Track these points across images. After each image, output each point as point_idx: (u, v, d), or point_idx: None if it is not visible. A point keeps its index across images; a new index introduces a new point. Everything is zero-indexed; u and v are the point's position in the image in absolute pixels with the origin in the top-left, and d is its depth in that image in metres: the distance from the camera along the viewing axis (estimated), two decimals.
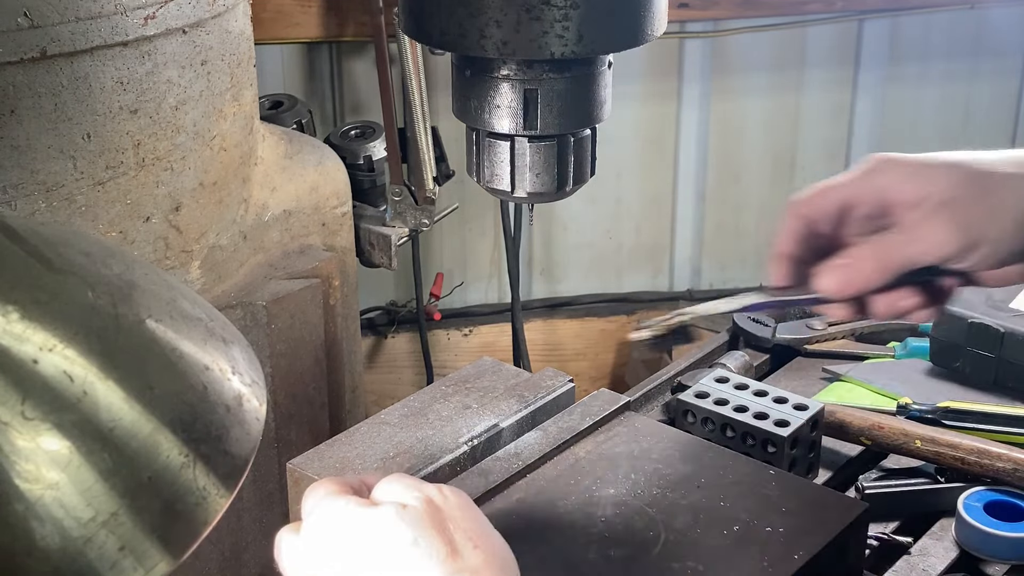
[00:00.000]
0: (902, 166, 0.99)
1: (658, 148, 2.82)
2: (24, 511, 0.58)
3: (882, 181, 0.99)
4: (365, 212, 2.12)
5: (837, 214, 1.01)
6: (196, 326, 0.72)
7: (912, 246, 0.97)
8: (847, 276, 0.99)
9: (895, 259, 0.97)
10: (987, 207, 0.95)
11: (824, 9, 2.70)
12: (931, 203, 0.96)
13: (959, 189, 0.96)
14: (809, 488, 1.12)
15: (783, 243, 1.03)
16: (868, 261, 0.98)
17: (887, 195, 0.98)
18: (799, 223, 1.02)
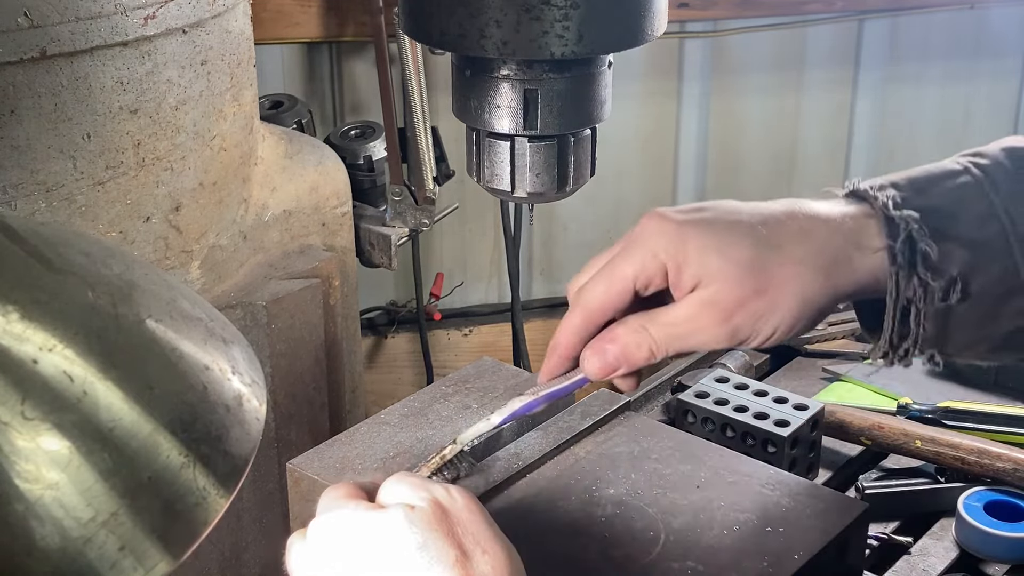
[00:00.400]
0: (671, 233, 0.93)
1: (658, 148, 2.82)
2: (24, 511, 0.58)
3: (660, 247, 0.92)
4: (365, 212, 2.12)
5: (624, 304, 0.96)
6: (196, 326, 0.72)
7: (679, 332, 0.93)
8: (613, 359, 0.95)
9: (661, 342, 0.93)
10: (761, 306, 0.91)
11: (824, 9, 2.70)
12: (700, 296, 0.91)
13: (730, 287, 0.90)
14: (809, 488, 1.12)
15: (568, 338, 0.98)
16: (634, 343, 0.94)
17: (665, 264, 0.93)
18: (588, 317, 0.97)
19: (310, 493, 1.11)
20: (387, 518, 0.85)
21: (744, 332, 0.92)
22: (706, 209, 0.95)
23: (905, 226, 0.91)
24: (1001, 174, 0.95)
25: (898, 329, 0.93)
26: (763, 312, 0.91)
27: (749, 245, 0.91)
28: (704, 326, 0.92)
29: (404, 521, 0.84)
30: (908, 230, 0.91)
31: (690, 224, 0.92)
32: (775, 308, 0.91)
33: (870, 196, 0.94)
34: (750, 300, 0.90)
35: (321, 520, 0.88)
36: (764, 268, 0.91)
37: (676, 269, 0.92)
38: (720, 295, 0.90)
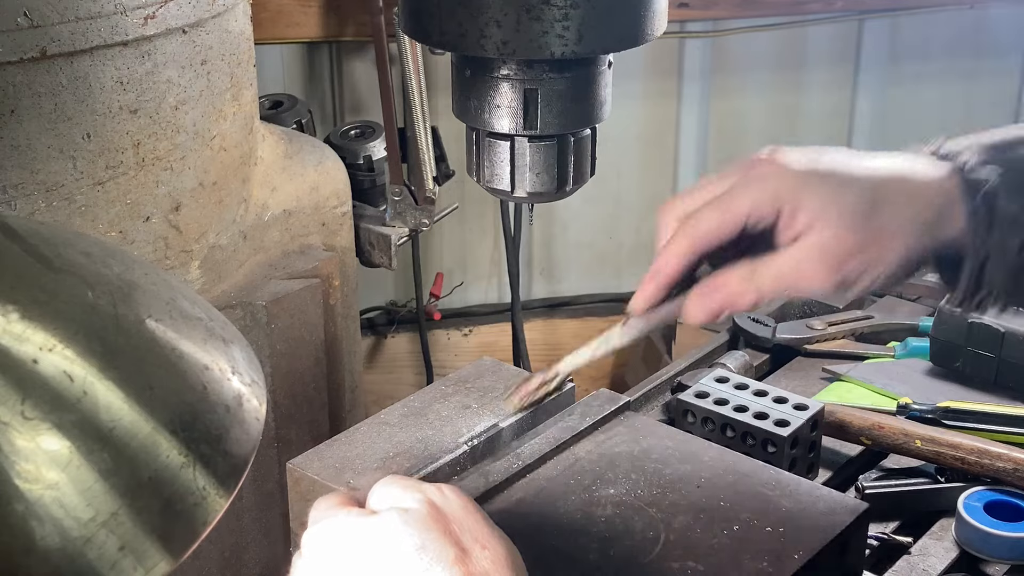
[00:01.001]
0: (791, 178, 0.96)
1: (658, 148, 2.82)
2: (24, 511, 0.58)
3: (780, 188, 0.95)
4: (365, 212, 2.12)
5: (733, 237, 0.97)
6: (196, 326, 0.72)
7: (787, 281, 0.95)
8: (718, 306, 0.97)
9: (767, 291, 0.96)
10: (870, 257, 0.94)
11: (824, 9, 2.70)
12: (813, 242, 0.94)
13: (844, 235, 0.94)
14: (809, 488, 1.12)
15: (673, 265, 0.98)
16: (740, 292, 0.96)
17: (781, 207, 0.95)
18: (696, 245, 0.97)
19: (310, 493, 1.11)
20: (382, 522, 0.84)
21: (850, 280, 0.95)
22: (824, 160, 0.98)
23: (983, 184, 0.96)
24: None
25: (975, 282, 0.98)
26: (870, 263, 0.95)
27: (862, 199, 0.95)
28: (813, 273, 0.95)
29: (400, 524, 0.83)
30: (985, 188, 0.96)
31: (809, 173, 0.96)
32: (880, 260, 0.95)
33: (951, 156, 0.99)
34: (860, 250, 0.94)
35: (314, 531, 0.87)
36: (874, 222, 0.95)
37: (791, 212, 0.95)
38: (833, 243, 0.94)
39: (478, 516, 0.87)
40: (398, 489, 0.88)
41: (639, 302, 1.00)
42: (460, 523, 0.85)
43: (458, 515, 0.86)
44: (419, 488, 0.88)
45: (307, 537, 0.87)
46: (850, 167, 0.98)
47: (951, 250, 0.98)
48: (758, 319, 1.62)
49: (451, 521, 0.85)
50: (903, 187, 0.97)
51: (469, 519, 0.86)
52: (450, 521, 0.85)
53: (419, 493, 0.87)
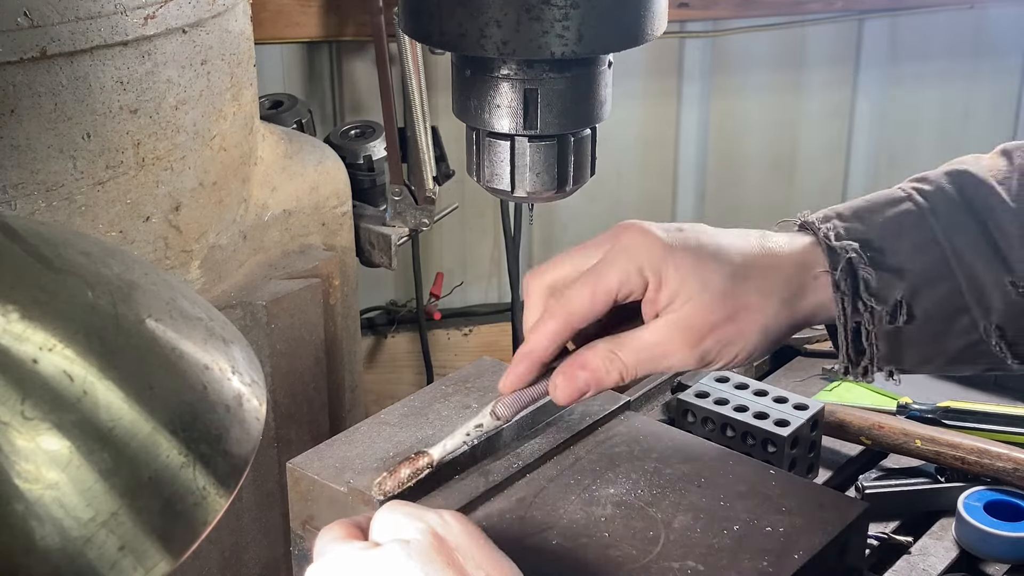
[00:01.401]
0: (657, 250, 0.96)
1: (658, 148, 2.82)
2: (24, 511, 0.58)
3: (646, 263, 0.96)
4: (365, 212, 2.12)
5: (604, 314, 0.98)
6: (196, 326, 0.72)
7: (649, 357, 0.96)
8: (584, 385, 0.98)
9: (631, 367, 0.97)
10: (729, 333, 0.95)
11: (824, 9, 2.70)
12: (674, 317, 0.95)
13: (703, 311, 0.95)
14: (809, 488, 1.12)
15: (545, 346, 0.98)
16: (604, 370, 0.97)
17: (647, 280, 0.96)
18: (567, 324, 0.98)
19: (310, 493, 1.11)
20: (384, 556, 0.83)
21: (711, 355, 0.97)
22: (686, 231, 0.99)
23: (844, 255, 0.97)
24: (942, 200, 1.00)
25: (853, 349, 0.99)
26: (730, 338, 0.96)
27: (724, 274, 0.96)
28: (675, 349, 0.96)
29: (402, 556, 0.82)
30: (848, 259, 0.97)
31: (674, 245, 0.96)
32: (740, 335, 0.96)
33: (814, 228, 0.99)
34: (720, 326, 0.95)
35: (318, 566, 0.86)
36: (735, 296, 0.96)
37: (656, 285, 0.96)
38: (694, 319, 0.95)
39: (481, 542, 0.86)
40: (400, 518, 0.86)
41: (511, 382, 1.01)
42: (464, 551, 0.84)
43: (461, 543, 0.84)
44: (421, 517, 0.86)
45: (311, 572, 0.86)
46: (715, 241, 0.98)
47: (815, 321, 1.00)
48: None
49: (454, 549, 0.83)
50: (764, 262, 0.98)
51: (473, 546, 0.85)
52: (453, 550, 0.83)
53: (421, 523, 0.85)
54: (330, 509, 1.09)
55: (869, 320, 0.98)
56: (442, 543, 0.84)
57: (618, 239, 0.98)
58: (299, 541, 1.13)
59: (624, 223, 0.99)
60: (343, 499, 1.07)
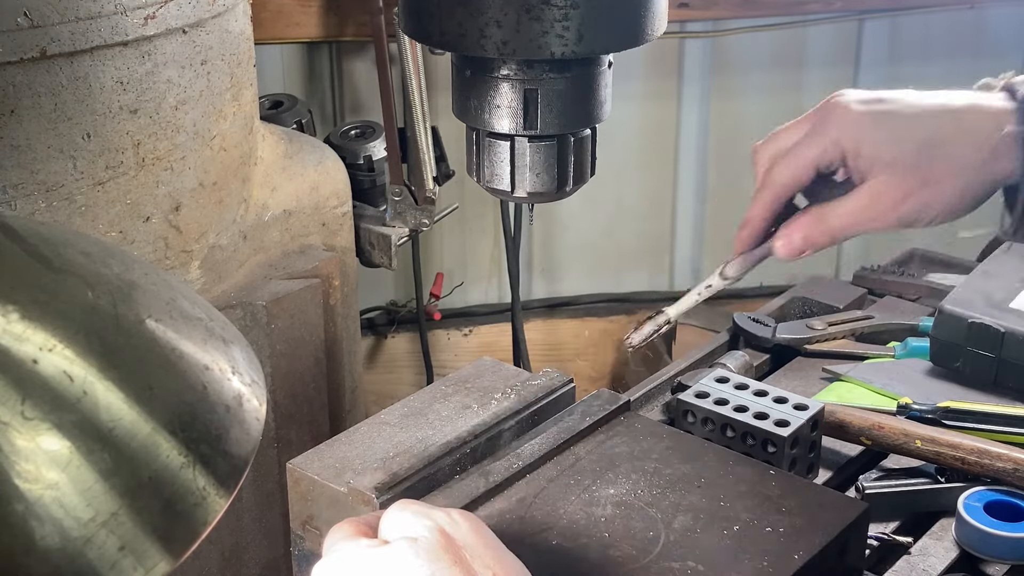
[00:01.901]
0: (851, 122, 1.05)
1: (658, 148, 2.82)
2: (24, 511, 0.58)
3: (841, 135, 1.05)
4: (365, 212, 2.12)
5: (808, 182, 1.09)
6: (196, 326, 0.72)
7: (851, 221, 1.06)
8: (802, 243, 1.09)
9: (837, 231, 1.07)
10: (926, 197, 1.03)
11: (824, 9, 2.70)
12: (871, 185, 1.04)
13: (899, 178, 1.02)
14: (809, 488, 1.12)
15: (759, 213, 1.11)
16: (816, 234, 1.08)
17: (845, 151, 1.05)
18: (776, 194, 1.10)
19: (310, 493, 1.11)
20: (392, 553, 0.83)
21: (911, 217, 1.05)
22: (886, 100, 1.08)
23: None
24: None
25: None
26: (929, 201, 1.04)
27: (920, 139, 1.04)
28: (875, 214, 1.05)
29: (410, 554, 0.82)
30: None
31: (869, 115, 1.06)
32: (939, 197, 1.04)
33: (1015, 88, 1.08)
34: (917, 190, 1.03)
35: (326, 563, 0.86)
36: (932, 161, 1.03)
37: (854, 155, 1.05)
38: (890, 185, 1.04)
39: (489, 540, 0.86)
40: (409, 517, 0.86)
41: (737, 246, 1.15)
42: (471, 549, 0.84)
43: (469, 541, 0.85)
44: (429, 515, 0.86)
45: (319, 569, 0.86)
46: (910, 107, 1.06)
47: (1009, 182, 1.04)
48: (758, 319, 1.62)
49: (462, 548, 0.84)
50: (959, 126, 1.04)
51: (480, 545, 0.85)
52: (460, 548, 0.84)
53: (429, 521, 0.85)
54: (330, 509, 1.09)
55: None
56: (450, 541, 0.84)
57: (820, 114, 1.09)
58: (299, 541, 1.13)
59: (831, 96, 1.10)
60: (343, 499, 1.08)
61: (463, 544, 0.84)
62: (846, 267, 2.87)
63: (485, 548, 0.85)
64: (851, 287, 1.76)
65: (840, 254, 2.94)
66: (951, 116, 1.05)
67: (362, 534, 0.88)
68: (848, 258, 2.91)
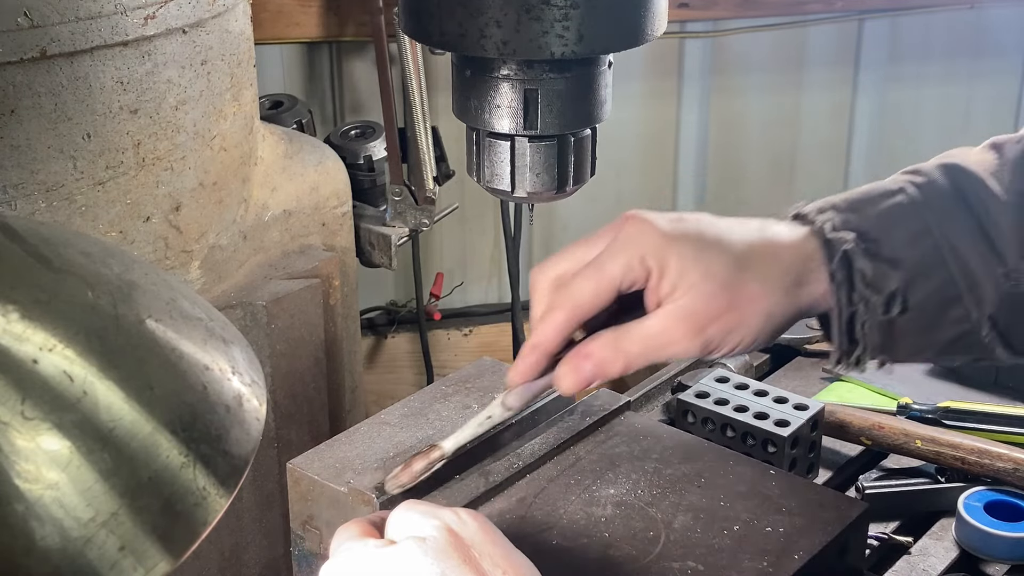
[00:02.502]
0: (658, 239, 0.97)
1: (658, 148, 2.82)
2: (24, 511, 0.58)
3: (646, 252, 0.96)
4: (365, 212, 2.12)
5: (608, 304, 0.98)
6: (196, 326, 0.72)
7: (652, 346, 0.96)
8: (589, 375, 0.98)
9: (634, 357, 0.96)
10: (732, 321, 0.96)
11: (824, 9, 2.70)
12: (676, 306, 0.95)
13: (705, 300, 0.95)
14: (809, 488, 1.12)
15: (551, 338, 0.99)
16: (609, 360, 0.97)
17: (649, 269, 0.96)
18: (573, 315, 0.98)
19: (310, 493, 1.11)
20: (400, 553, 0.83)
21: (714, 343, 0.96)
22: (687, 221, 0.99)
23: (840, 246, 0.98)
24: (935, 192, 1.01)
25: (847, 339, 1.00)
26: (733, 326, 0.96)
27: (725, 262, 0.96)
28: (677, 338, 0.96)
29: (418, 554, 0.82)
30: (844, 250, 0.98)
31: (675, 233, 0.97)
32: (743, 323, 0.96)
33: (810, 220, 1.00)
34: (723, 314, 0.95)
35: (333, 564, 0.86)
36: (737, 285, 0.96)
37: (658, 275, 0.96)
38: (696, 307, 0.95)
39: (497, 539, 0.86)
40: (417, 517, 0.86)
41: (519, 375, 1.02)
42: (479, 548, 0.84)
43: (477, 540, 0.84)
44: (437, 515, 0.86)
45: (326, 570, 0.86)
46: (716, 230, 0.99)
47: (816, 311, 1.00)
48: None
49: (470, 547, 0.83)
50: (765, 250, 0.98)
51: (488, 543, 0.84)
52: (469, 547, 0.83)
53: (437, 520, 0.85)
54: (330, 509, 1.09)
55: (864, 311, 0.98)
56: (458, 540, 0.84)
57: (620, 230, 0.99)
58: (299, 541, 1.13)
59: (627, 214, 1.00)
60: (343, 499, 1.07)
61: (471, 543, 0.84)
62: None
63: (494, 547, 0.85)
64: None
65: None
66: (757, 241, 0.99)
67: (369, 534, 0.88)
68: None
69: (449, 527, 0.84)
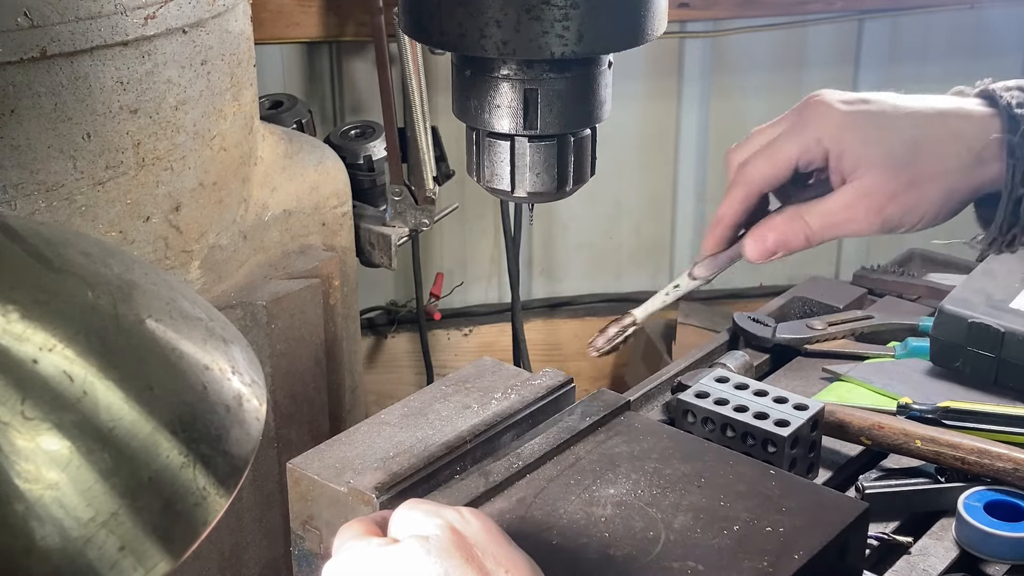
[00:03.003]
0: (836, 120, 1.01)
1: (658, 148, 2.82)
2: (24, 511, 0.58)
3: (824, 134, 1.01)
4: (365, 212, 2.12)
5: (785, 180, 1.04)
6: (196, 326, 0.72)
7: (832, 221, 1.01)
8: (774, 243, 1.03)
9: (815, 230, 1.02)
10: (911, 200, 0.99)
11: (824, 9, 2.70)
12: (856, 185, 0.99)
13: (885, 179, 0.98)
14: (809, 488, 1.12)
15: (731, 211, 1.06)
16: (791, 231, 1.02)
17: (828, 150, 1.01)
18: (750, 191, 1.05)
19: (310, 493, 1.11)
20: (403, 551, 0.83)
21: (894, 221, 1.01)
22: (870, 101, 1.03)
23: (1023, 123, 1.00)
24: None
25: (1008, 218, 1.02)
26: (913, 204, 1.00)
27: (905, 140, 1.00)
28: (858, 215, 1.00)
29: (421, 552, 0.82)
30: None
31: (854, 114, 1.01)
32: (923, 200, 1.00)
33: (997, 96, 1.04)
34: (902, 193, 0.99)
35: (336, 562, 0.86)
36: (916, 163, 0.99)
37: (838, 155, 1.00)
38: (875, 186, 0.99)
39: (500, 539, 0.86)
40: (420, 515, 0.86)
41: (706, 246, 1.09)
42: (482, 547, 0.84)
43: (480, 539, 0.85)
44: (440, 514, 0.86)
45: (329, 568, 0.86)
46: (895, 108, 1.02)
47: (992, 189, 1.01)
48: (758, 319, 1.62)
49: (473, 546, 0.84)
50: (945, 129, 1.01)
51: (491, 543, 0.85)
52: (472, 546, 0.84)
53: (440, 519, 0.85)
54: (330, 509, 1.09)
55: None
56: (461, 539, 0.84)
57: (801, 112, 1.04)
58: (299, 541, 1.13)
59: (808, 97, 1.04)
60: (343, 499, 1.08)
61: (474, 542, 0.84)
62: (846, 267, 2.87)
63: (497, 546, 0.85)
64: (851, 287, 1.76)
65: (840, 254, 2.94)
66: (937, 118, 1.02)
67: (372, 533, 0.88)
68: (848, 258, 2.91)
69: (452, 526, 0.85)
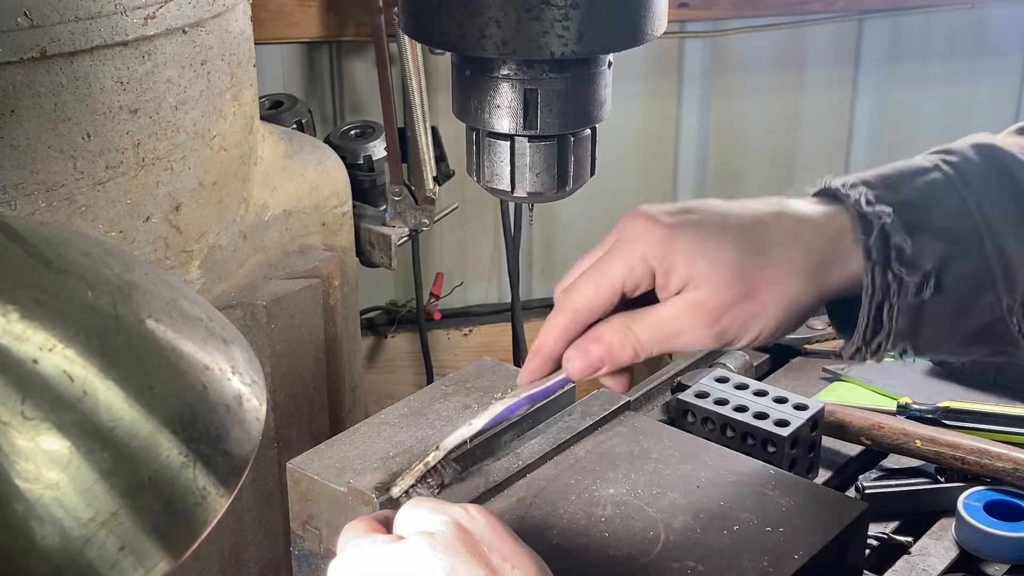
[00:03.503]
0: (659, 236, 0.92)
1: (658, 148, 2.82)
2: (24, 511, 0.58)
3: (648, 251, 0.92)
4: (365, 212, 2.12)
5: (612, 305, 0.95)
6: (196, 326, 0.72)
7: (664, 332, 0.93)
8: (597, 359, 0.95)
9: (645, 342, 0.93)
10: (748, 310, 0.91)
11: (824, 9, 2.70)
12: (688, 298, 0.91)
13: (718, 290, 0.90)
14: (809, 488, 1.12)
15: (551, 340, 0.96)
16: (618, 343, 0.94)
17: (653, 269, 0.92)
18: (574, 318, 0.95)
19: (310, 493, 1.11)
20: (409, 548, 0.83)
21: (730, 334, 0.92)
22: (693, 211, 0.94)
23: (878, 221, 0.91)
24: (972, 170, 0.95)
25: (872, 325, 0.93)
26: (750, 316, 0.91)
27: (737, 249, 0.91)
28: (690, 327, 0.92)
29: (427, 548, 0.82)
30: (881, 225, 0.91)
31: (678, 227, 0.92)
32: (761, 312, 0.91)
33: (842, 194, 0.94)
34: (737, 304, 0.91)
35: (341, 560, 0.86)
36: (751, 272, 0.91)
37: (664, 273, 0.92)
38: (708, 299, 0.90)
39: (505, 534, 0.86)
40: (425, 512, 0.86)
41: (525, 376, 0.99)
42: (488, 543, 0.84)
43: (486, 535, 0.84)
44: (445, 511, 0.86)
45: (334, 566, 0.86)
46: (724, 216, 0.93)
47: (840, 295, 0.94)
48: None
49: (479, 542, 0.84)
50: (781, 233, 0.92)
51: (497, 538, 0.85)
52: (478, 542, 0.83)
53: (445, 515, 0.85)
54: (330, 509, 1.09)
55: (896, 291, 0.92)
56: (467, 535, 0.84)
57: (621, 231, 0.95)
58: (299, 541, 1.13)
59: (628, 213, 0.95)
60: (343, 499, 1.07)
61: (480, 538, 0.84)
62: None
63: (502, 542, 0.85)
64: None
65: None
66: (772, 223, 0.93)
67: (376, 530, 0.88)
68: None
69: (458, 522, 0.85)
